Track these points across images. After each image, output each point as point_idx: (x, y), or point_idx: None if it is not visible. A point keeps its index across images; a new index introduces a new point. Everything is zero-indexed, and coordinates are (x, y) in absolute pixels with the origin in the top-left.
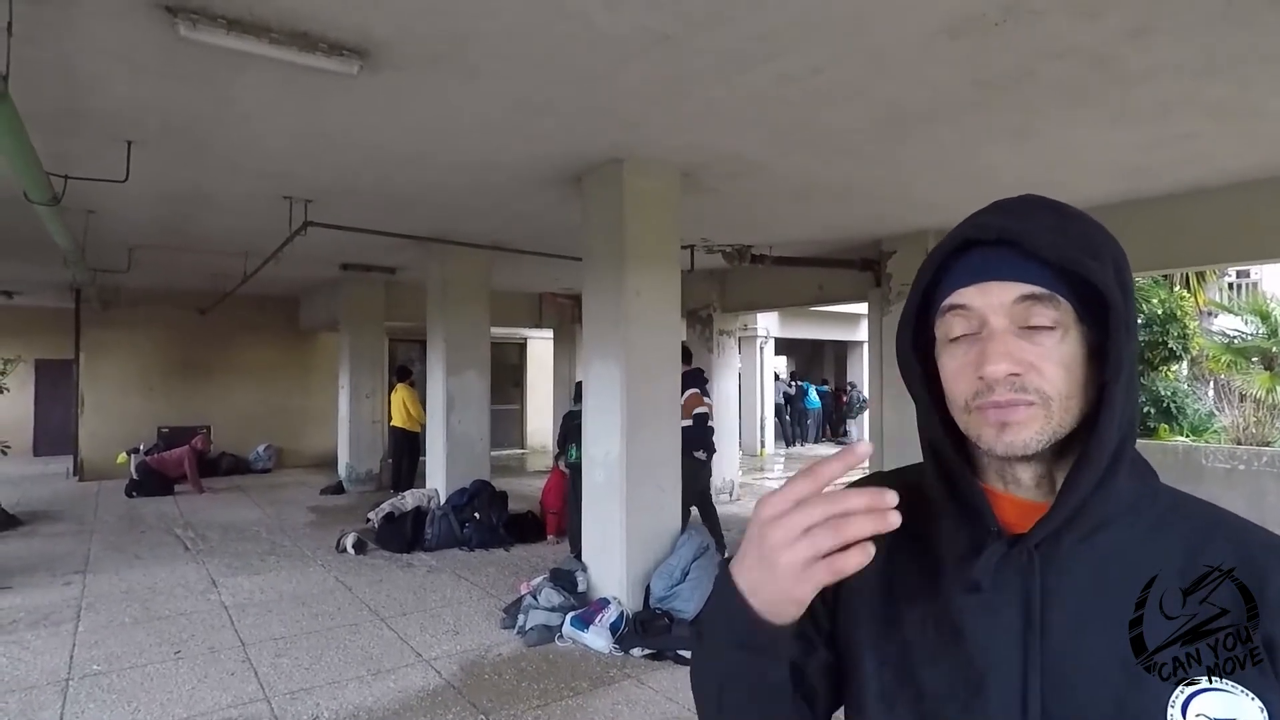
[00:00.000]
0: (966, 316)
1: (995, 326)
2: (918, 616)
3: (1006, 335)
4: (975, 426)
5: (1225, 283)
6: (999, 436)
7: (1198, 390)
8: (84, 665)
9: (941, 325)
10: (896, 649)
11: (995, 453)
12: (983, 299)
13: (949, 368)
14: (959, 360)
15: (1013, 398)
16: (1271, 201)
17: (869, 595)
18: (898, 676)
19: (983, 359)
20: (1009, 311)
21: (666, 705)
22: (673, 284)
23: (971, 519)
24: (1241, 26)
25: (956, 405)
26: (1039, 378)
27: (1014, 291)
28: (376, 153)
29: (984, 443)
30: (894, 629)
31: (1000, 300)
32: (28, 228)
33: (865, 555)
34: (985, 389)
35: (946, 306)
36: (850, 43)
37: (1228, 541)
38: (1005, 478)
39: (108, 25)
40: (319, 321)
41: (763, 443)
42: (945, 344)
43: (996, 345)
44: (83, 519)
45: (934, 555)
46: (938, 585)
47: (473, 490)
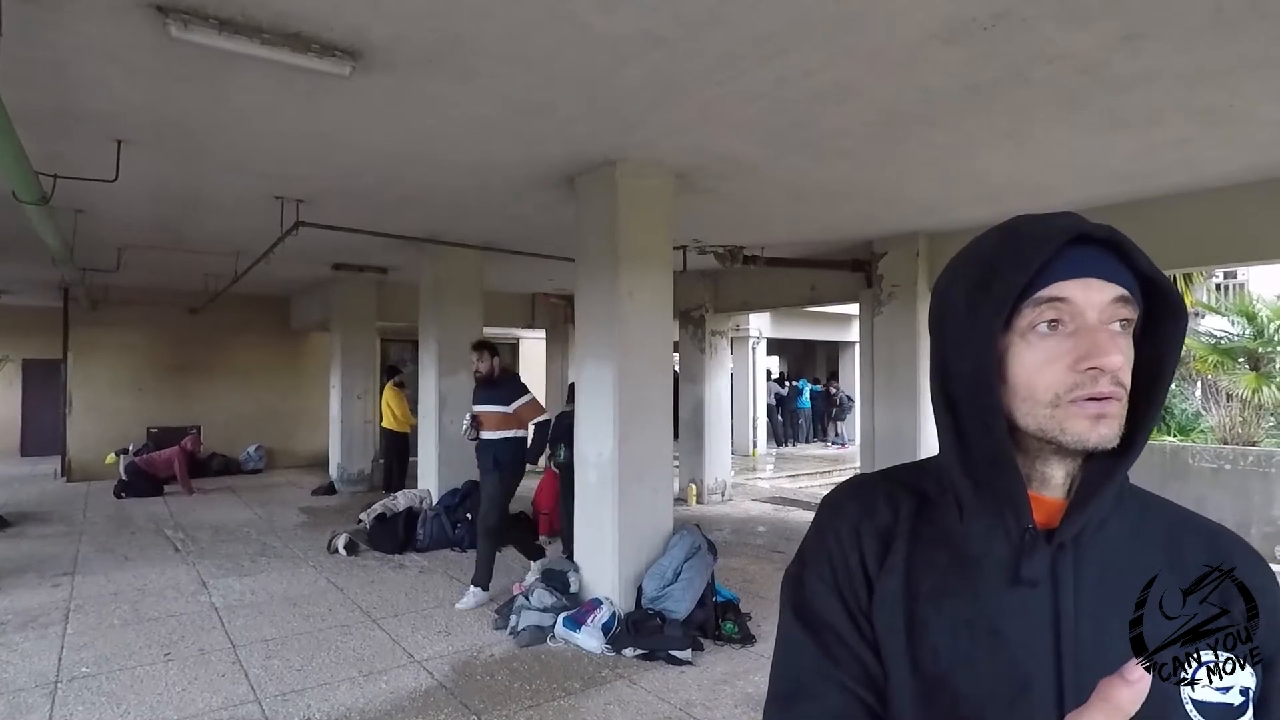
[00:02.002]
0: (1063, 309)
1: (1094, 321)
2: (947, 619)
3: (1107, 330)
4: (1063, 419)
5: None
6: (1094, 428)
7: (1185, 390)
8: (73, 667)
9: (1029, 314)
10: (928, 654)
11: (1086, 445)
12: (1086, 294)
13: (1031, 359)
14: (1049, 351)
15: (1114, 390)
16: (1258, 204)
17: (894, 602)
18: (931, 682)
19: (1096, 350)
20: (1103, 311)
21: (658, 705)
22: (665, 285)
23: (1005, 516)
24: (1230, 34)
25: (1037, 399)
26: (1127, 376)
27: (1113, 292)
28: (369, 153)
29: (1071, 435)
30: (923, 634)
31: (1101, 298)
32: (16, 227)
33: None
34: (1089, 381)
35: (1046, 296)
36: (844, 46)
37: (1198, 536)
38: (1033, 477)
39: (98, 25)
40: (310, 321)
41: (755, 443)
42: (1025, 334)
43: (1108, 337)
44: (71, 520)
45: (958, 556)
46: (965, 587)
47: (465, 491)
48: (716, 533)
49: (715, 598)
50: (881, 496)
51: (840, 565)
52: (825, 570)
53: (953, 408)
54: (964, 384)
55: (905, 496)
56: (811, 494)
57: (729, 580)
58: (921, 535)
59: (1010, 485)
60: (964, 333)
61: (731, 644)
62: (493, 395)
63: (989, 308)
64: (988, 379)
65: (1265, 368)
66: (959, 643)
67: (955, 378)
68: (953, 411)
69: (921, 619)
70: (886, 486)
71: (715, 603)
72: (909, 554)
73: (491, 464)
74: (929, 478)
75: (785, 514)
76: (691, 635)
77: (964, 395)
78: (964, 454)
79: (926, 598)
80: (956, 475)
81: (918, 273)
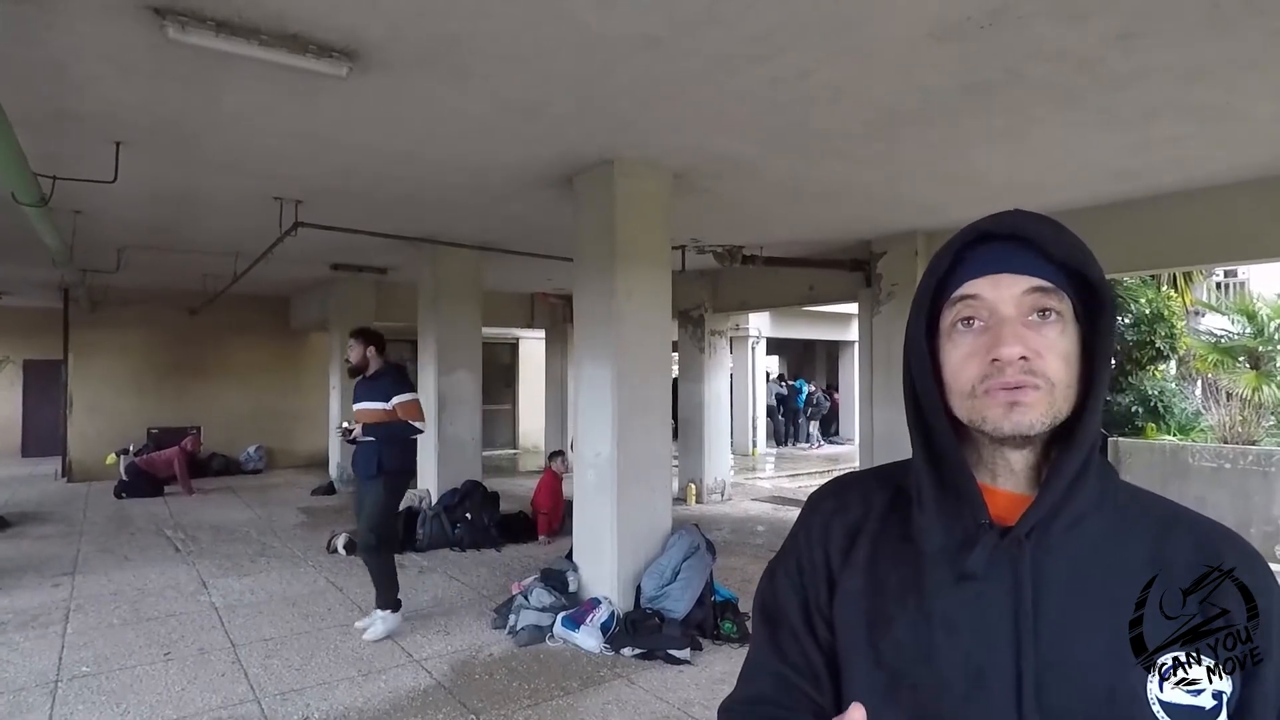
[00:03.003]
0: (976, 306)
1: (1006, 315)
2: (908, 613)
3: (1016, 323)
4: (981, 409)
5: (1213, 282)
6: (1007, 415)
7: (1185, 389)
8: (73, 667)
9: (950, 314)
10: (890, 647)
11: (1002, 432)
12: (994, 290)
13: (954, 355)
14: (967, 347)
15: (1022, 379)
16: (1257, 202)
17: (858, 596)
18: (892, 675)
19: (997, 342)
20: (1018, 303)
21: (656, 705)
22: (664, 284)
23: (961, 512)
24: (1225, 32)
25: (960, 392)
26: (1044, 364)
27: (1024, 284)
28: (367, 153)
29: (990, 424)
30: (885, 627)
31: (1011, 292)
32: (15, 228)
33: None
34: (996, 371)
35: (958, 296)
36: (839, 46)
37: (1188, 533)
38: (997, 470)
39: (95, 26)
40: (310, 322)
41: (754, 442)
42: (951, 332)
43: (1009, 330)
44: (71, 520)
45: (922, 550)
46: (927, 580)
47: (464, 490)
48: (715, 532)
49: (714, 597)
50: (857, 494)
51: (806, 563)
52: (792, 566)
53: (919, 408)
54: (918, 382)
55: (881, 493)
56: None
57: (728, 580)
58: (891, 532)
59: (962, 479)
60: (910, 334)
61: (730, 643)
62: (371, 391)
63: (916, 310)
64: (924, 375)
65: (1265, 366)
66: (919, 636)
67: (914, 377)
68: (919, 412)
69: (887, 613)
70: (865, 484)
71: (714, 602)
72: (875, 550)
73: (374, 470)
74: (905, 477)
75: (785, 513)
76: (690, 635)
77: (920, 393)
78: (929, 452)
79: (892, 592)
80: (923, 473)
81: (916, 272)
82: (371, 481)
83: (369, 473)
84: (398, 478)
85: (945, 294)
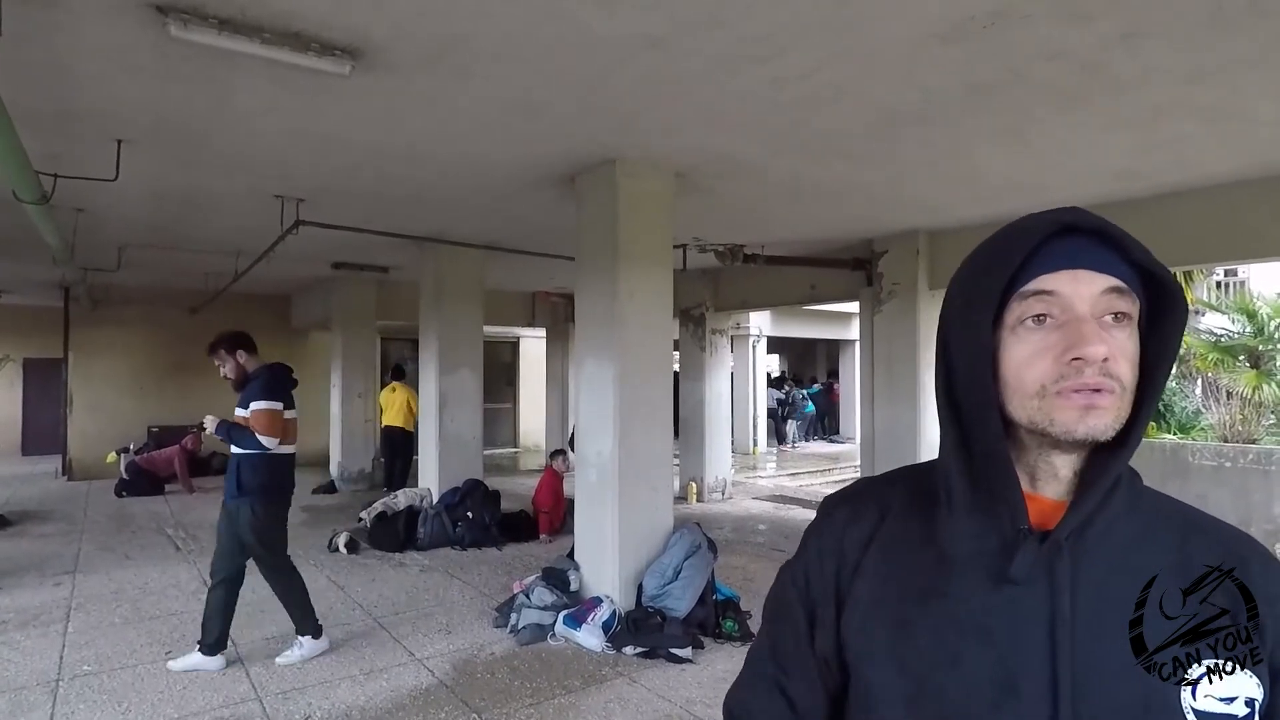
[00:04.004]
0: (1050, 302)
1: (1084, 313)
2: (934, 618)
3: (1095, 322)
4: (1050, 410)
5: (1213, 281)
6: (1082, 419)
7: (1185, 388)
8: (74, 666)
9: (1018, 308)
10: (914, 653)
11: (1074, 435)
12: (1073, 286)
13: (1020, 352)
14: (1036, 344)
15: (1101, 381)
16: (1258, 202)
17: (877, 600)
18: (917, 682)
19: (1079, 340)
20: (1094, 302)
21: (658, 703)
22: (665, 284)
23: (999, 515)
24: (1229, 32)
25: (1024, 391)
26: (1118, 367)
27: (1104, 283)
28: (369, 153)
29: (1059, 426)
30: (908, 633)
31: (1090, 290)
32: (17, 226)
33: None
34: (1073, 372)
35: (1032, 290)
36: (841, 46)
37: (1209, 537)
38: (1037, 474)
39: (98, 25)
40: (311, 320)
41: (755, 441)
42: (1015, 328)
43: (1093, 329)
44: (72, 519)
45: (949, 554)
46: (955, 584)
47: (465, 489)
48: (717, 531)
49: (715, 596)
50: (873, 501)
51: (815, 574)
52: (800, 574)
53: (955, 405)
54: (962, 380)
55: (898, 497)
56: (812, 492)
57: (729, 578)
58: (910, 535)
59: (1004, 482)
60: (960, 329)
61: (732, 642)
62: (243, 397)
63: (979, 303)
64: (981, 374)
65: (1265, 365)
66: (945, 642)
67: (956, 374)
68: (955, 409)
69: (908, 619)
70: (880, 490)
71: (715, 601)
72: (892, 554)
73: (234, 489)
74: (928, 479)
75: (786, 512)
76: (692, 633)
77: (964, 392)
78: (965, 452)
79: (913, 598)
80: (955, 474)
81: (918, 271)
82: (232, 502)
83: (230, 492)
84: (260, 500)
85: (1013, 287)
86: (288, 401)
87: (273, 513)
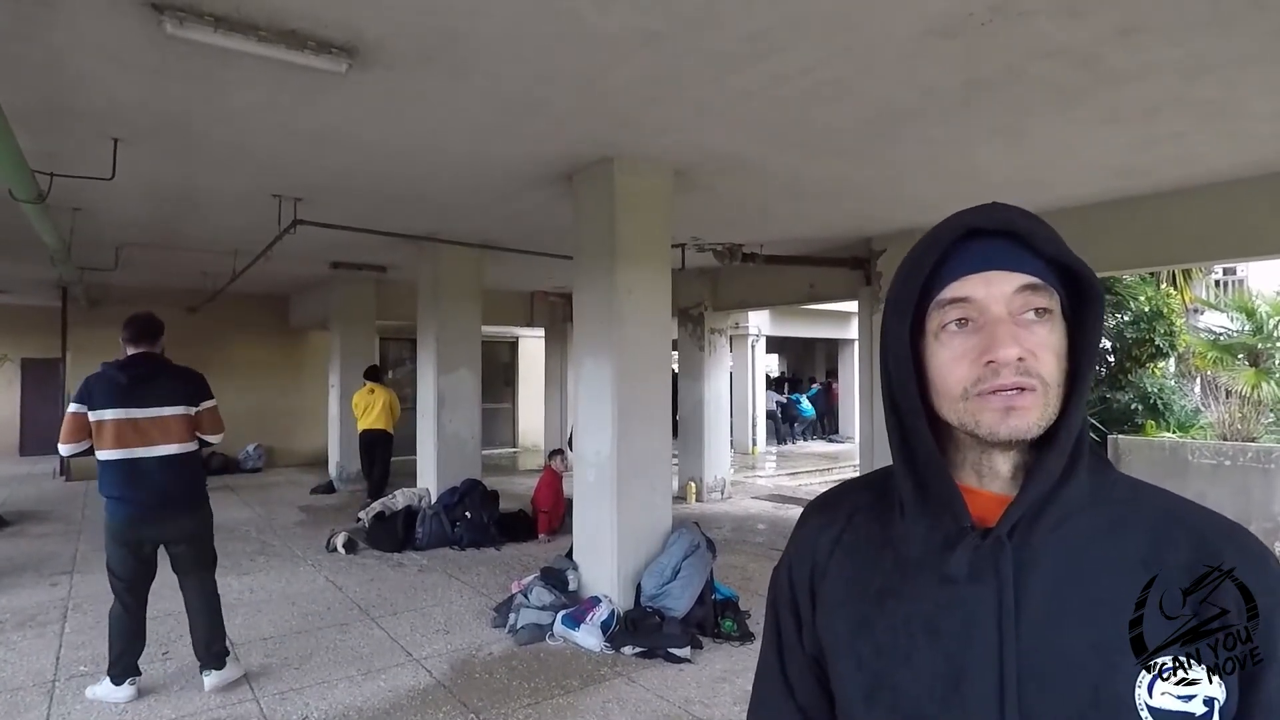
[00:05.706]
0: (967, 307)
1: (998, 314)
2: (889, 617)
3: (1010, 323)
4: (974, 413)
5: (1212, 280)
6: (1004, 420)
7: (1184, 387)
8: (71, 666)
9: (937, 316)
10: (871, 650)
11: (998, 437)
12: (986, 289)
13: (942, 356)
14: (957, 349)
15: (1019, 381)
16: (1257, 199)
17: (840, 601)
18: (874, 678)
19: (992, 343)
20: (1009, 301)
21: (657, 703)
22: (664, 282)
23: (942, 515)
24: (1228, 28)
25: (950, 395)
26: (1038, 364)
27: (1016, 281)
28: (367, 151)
29: (984, 428)
30: (867, 631)
31: (1003, 290)
32: (13, 226)
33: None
34: (990, 374)
35: (949, 299)
36: (840, 43)
37: (1187, 529)
38: (981, 471)
39: (93, 22)
40: (309, 320)
41: (754, 440)
42: (938, 334)
43: (1005, 330)
44: (70, 519)
45: (903, 555)
46: (908, 584)
47: (464, 489)
48: (716, 530)
49: (714, 595)
50: (844, 505)
51: (798, 576)
52: (784, 577)
53: (897, 410)
54: (896, 385)
55: (863, 500)
56: (812, 491)
57: (728, 578)
58: (872, 536)
59: (941, 483)
60: (888, 338)
61: (730, 641)
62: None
63: (898, 313)
64: (905, 379)
65: (1264, 364)
66: (899, 640)
67: (893, 381)
68: (897, 414)
69: (867, 618)
70: (852, 494)
71: (714, 600)
72: (855, 555)
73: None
74: (890, 480)
75: (785, 511)
76: (690, 633)
77: (899, 396)
78: (908, 455)
79: (873, 597)
80: (901, 477)
81: None
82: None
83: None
84: (105, 510)
85: (930, 294)
86: (103, 401)
87: (110, 528)
